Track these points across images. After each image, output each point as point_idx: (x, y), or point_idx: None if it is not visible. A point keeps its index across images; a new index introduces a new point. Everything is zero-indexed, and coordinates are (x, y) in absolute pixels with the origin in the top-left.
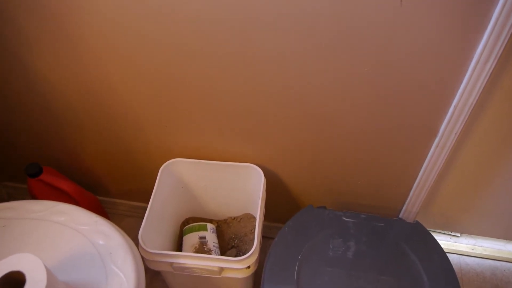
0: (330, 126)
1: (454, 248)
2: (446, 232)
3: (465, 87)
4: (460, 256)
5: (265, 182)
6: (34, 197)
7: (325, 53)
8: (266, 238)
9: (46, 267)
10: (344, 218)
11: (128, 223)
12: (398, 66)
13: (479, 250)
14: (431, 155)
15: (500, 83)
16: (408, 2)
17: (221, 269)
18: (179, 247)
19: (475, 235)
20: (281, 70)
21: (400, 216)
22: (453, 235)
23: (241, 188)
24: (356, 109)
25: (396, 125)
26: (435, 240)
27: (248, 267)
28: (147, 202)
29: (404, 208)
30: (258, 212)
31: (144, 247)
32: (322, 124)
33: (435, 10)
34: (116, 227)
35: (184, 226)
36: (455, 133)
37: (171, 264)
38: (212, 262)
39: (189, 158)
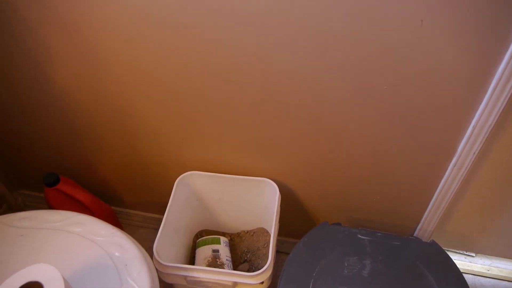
0: (346, 142)
1: (469, 268)
2: (461, 252)
3: (485, 107)
4: (475, 276)
5: (280, 197)
6: (50, 206)
7: (343, 71)
8: (279, 253)
9: (63, 278)
10: (360, 236)
11: (141, 234)
12: (417, 85)
13: (494, 271)
14: (448, 174)
15: None
16: (428, 22)
17: (235, 284)
18: (191, 259)
19: (490, 255)
20: (297, 86)
21: (415, 234)
22: (468, 255)
23: (255, 202)
24: (373, 127)
25: (413, 143)
26: (451, 260)
27: (262, 282)
28: (161, 214)
29: (419, 226)
30: (272, 228)
31: (159, 259)
32: (338, 141)
33: (456, 30)
34: (132, 239)
35: (197, 239)
36: (474, 153)
37: (185, 277)
38: (226, 277)
39: (205, 171)
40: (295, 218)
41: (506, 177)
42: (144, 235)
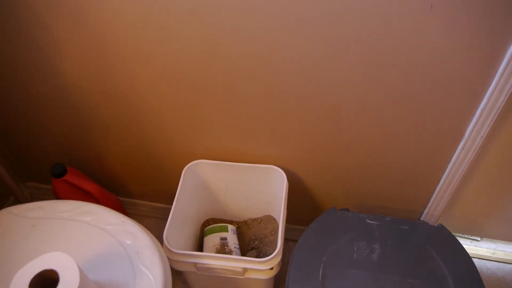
0: (353, 128)
1: (474, 252)
2: (466, 236)
3: (494, 90)
4: (480, 260)
5: (287, 184)
6: (57, 197)
7: (350, 57)
8: (286, 240)
9: (78, 266)
10: (368, 221)
11: (149, 223)
12: (426, 69)
13: (500, 255)
14: (456, 158)
15: None
16: (438, 6)
17: (245, 270)
18: (199, 248)
19: (496, 239)
20: (304, 73)
21: (422, 218)
22: (474, 239)
23: (262, 189)
24: (381, 111)
25: (421, 128)
26: (459, 243)
27: (271, 268)
28: (168, 203)
29: (426, 211)
30: (281, 215)
31: (169, 247)
32: (345, 126)
33: (466, 13)
34: (143, 227)
35: (205, 227)
36: (481, 136)
37: (195, 264)
38: (236, 263)
39: (212, 159)
40: (302, 205)
41: None
42: (151, 225)
